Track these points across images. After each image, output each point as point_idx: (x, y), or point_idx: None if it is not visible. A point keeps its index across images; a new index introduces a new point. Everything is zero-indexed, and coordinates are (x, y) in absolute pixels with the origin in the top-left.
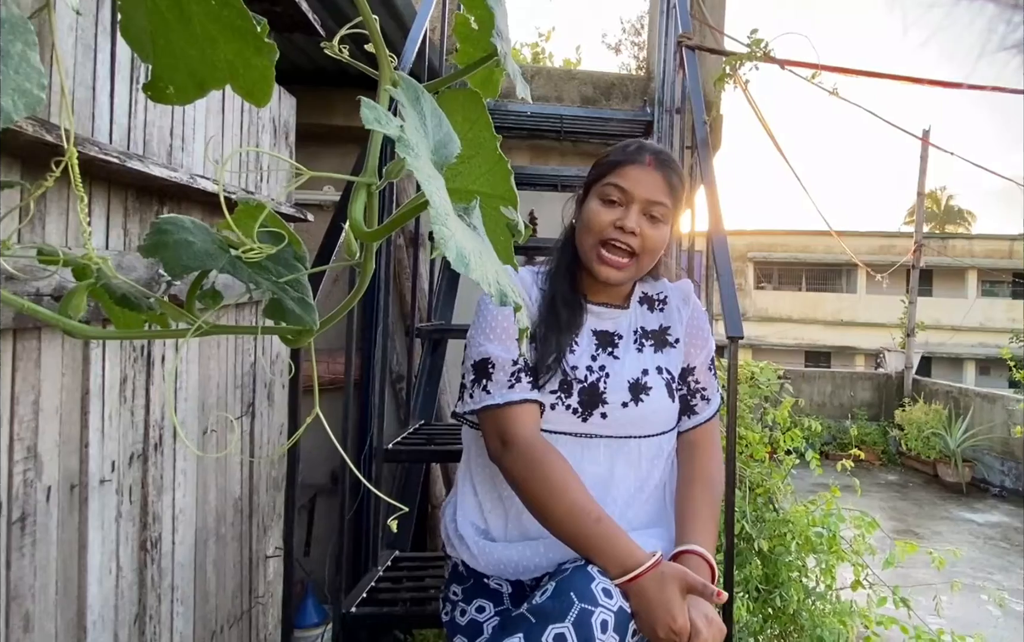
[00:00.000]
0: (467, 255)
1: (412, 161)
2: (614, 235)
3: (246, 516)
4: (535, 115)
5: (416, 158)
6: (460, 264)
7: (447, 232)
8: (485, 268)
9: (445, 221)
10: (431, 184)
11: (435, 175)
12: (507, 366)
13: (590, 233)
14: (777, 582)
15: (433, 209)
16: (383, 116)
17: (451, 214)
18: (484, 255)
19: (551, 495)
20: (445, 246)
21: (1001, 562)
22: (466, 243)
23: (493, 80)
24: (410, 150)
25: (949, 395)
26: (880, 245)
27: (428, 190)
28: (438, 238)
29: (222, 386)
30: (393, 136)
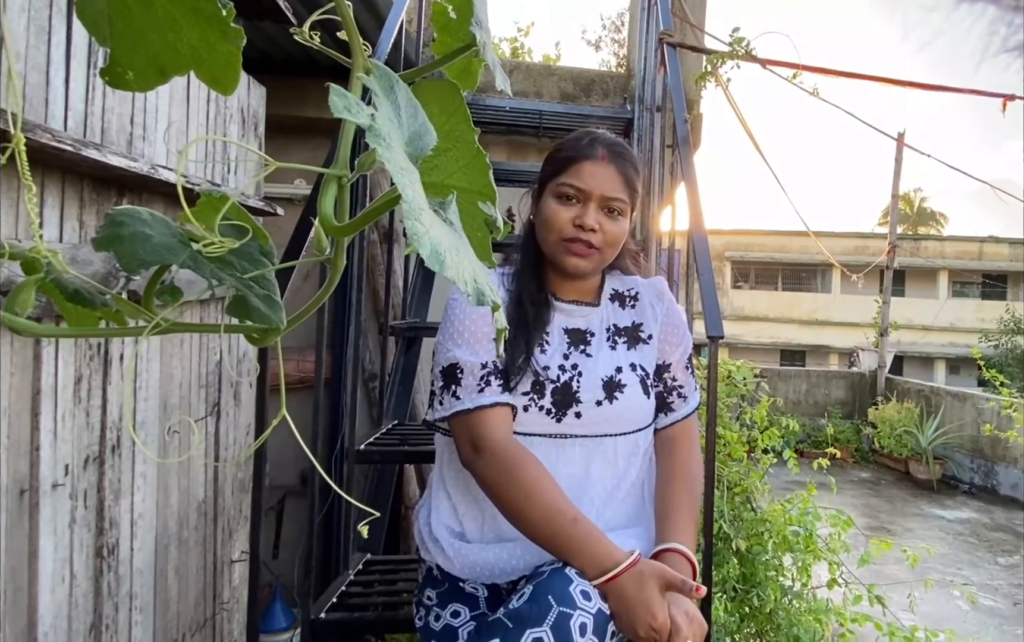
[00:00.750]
0: (442, 252)
1: (383, 152)
2: (574, 234)
3: (210, 519)
4: (514, 110)
5: (388, 149)
6: (434, 261)
7: (421, 228)
8: (461, 266)
9: (419, 216)
10: (404, 177)
11: (409, 168)
12: (476, 370)
13: (551, 232)
14: (754, 581)
15: (406, 203)
16: (353, 104)
17: (425, 209)
18: (461, 252)
19: (526, 499)
20: (419, 242)
21: (970, 557)
22: (441, 239)
23: (472, 71)
24: (381, 140)
25: (921, 394)
26: (855, 246)
27: (401, 183)
28: (411, 234)
29: (185, 385)
30: (364, 125)
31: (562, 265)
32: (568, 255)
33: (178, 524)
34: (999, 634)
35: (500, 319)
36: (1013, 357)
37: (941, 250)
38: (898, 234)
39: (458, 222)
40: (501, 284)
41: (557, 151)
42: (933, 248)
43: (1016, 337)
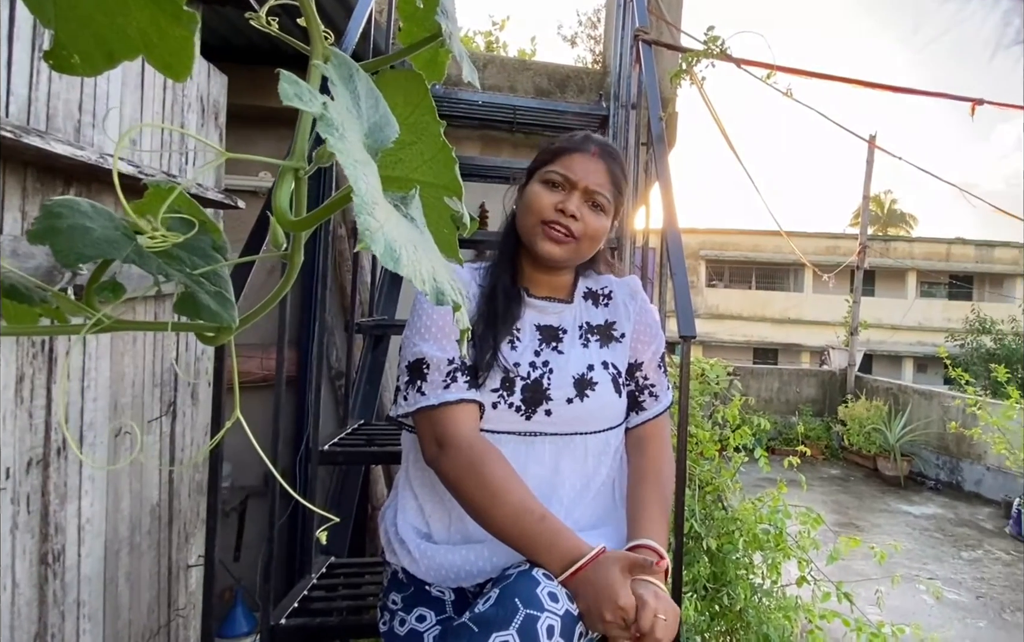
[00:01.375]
0: (397, 249)
1: (335, 142)
2: (554, 217)
3: (165, 523)
4: (487, 105)
5: (341, 139)
6: (388, 258)
7: (374, 223)
8: (419, 264)
9: (372, 210)
10: (357, 169)
11: (365, 160)
12: (442, 366)
13: (531, 214)
14: (725, 580)
15: (357, 196)
16: (305, 92)
17: (380, 203)
18: (420, 249)
19: (492, 498)
20: (371, 238)
21: (935, 552)
22: (398, 235)
23: (439, 62)
24: (334, 130)
25: (889, 392)
26: (827, 246)
27: (353, 175)
28: (363, 229)
29: (138, 384)
30: (315, 114)
31: (537, 250)
32: (544, 240)
33: (130, 529)
34: (963, 627)
35: (462, 319)
36: (978, 356)
37: (910, 251)
38: (868, 235)
39: (421, 218)
40: (474, 278)
41: (550, 144)
42: (902, 249)
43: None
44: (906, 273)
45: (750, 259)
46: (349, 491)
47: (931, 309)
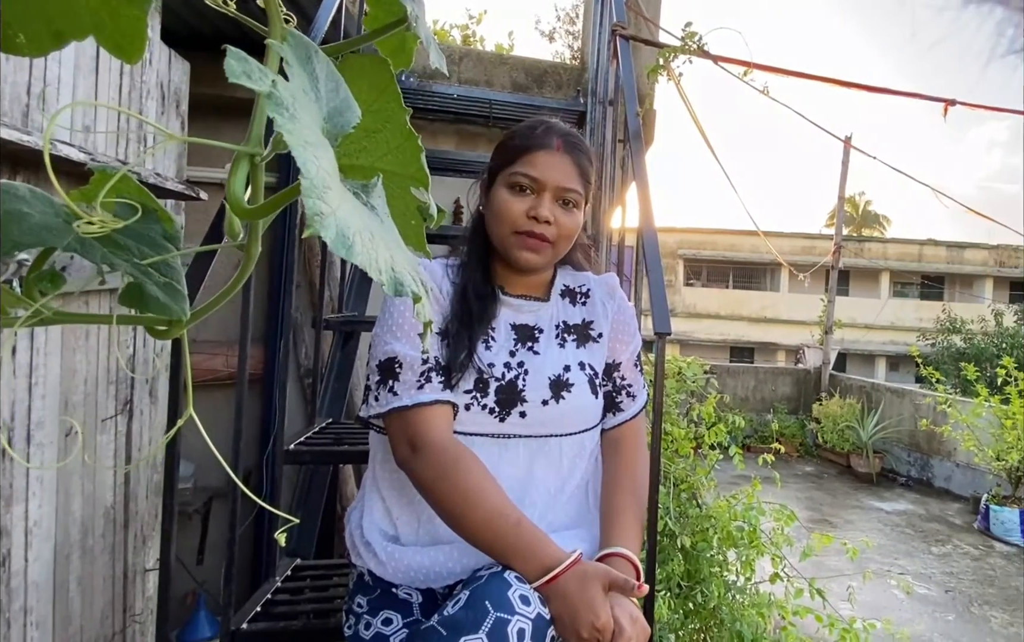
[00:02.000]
0: (351, 236)
1: (284, 123)
2: (528, 226)
3: (120, 526)
4: (462, 98)
5: (291, 120)
6: (340, 246)
7: (324, 208)
8: (376, 252)
9: (322, 195)
10: (307, 152)
11: (319, 143)
12: (416, 365)
13: (503, 223)
14: (699, 578)
15: (306, 180)
16: (255, 70)
17: (333, 188)
18: (378, 238)
19: (466, 502)
20: (321, 224)
21: (906, 548)
22: (353, 222)
23: (406, 49)
24: (283, 110)
25: (862, 390)
26: (803, 246)
27: (303, 158)
28: (311, 214)
29: (91, 381)
30: (262, 93)
31: (514, 260)
32: (521, 249)
33: (81, 532)
34: (932, 621)
35: (424, 311)
36: (948, 355)
37: (883, 252)
38: (843, 236)
39: (383, 207)
40: (446, 275)
41: (509, 139)
42: (876, 249)
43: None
44: (880, 273)
45: (728, 258)
46: (316, 491)
47: (904, 309)
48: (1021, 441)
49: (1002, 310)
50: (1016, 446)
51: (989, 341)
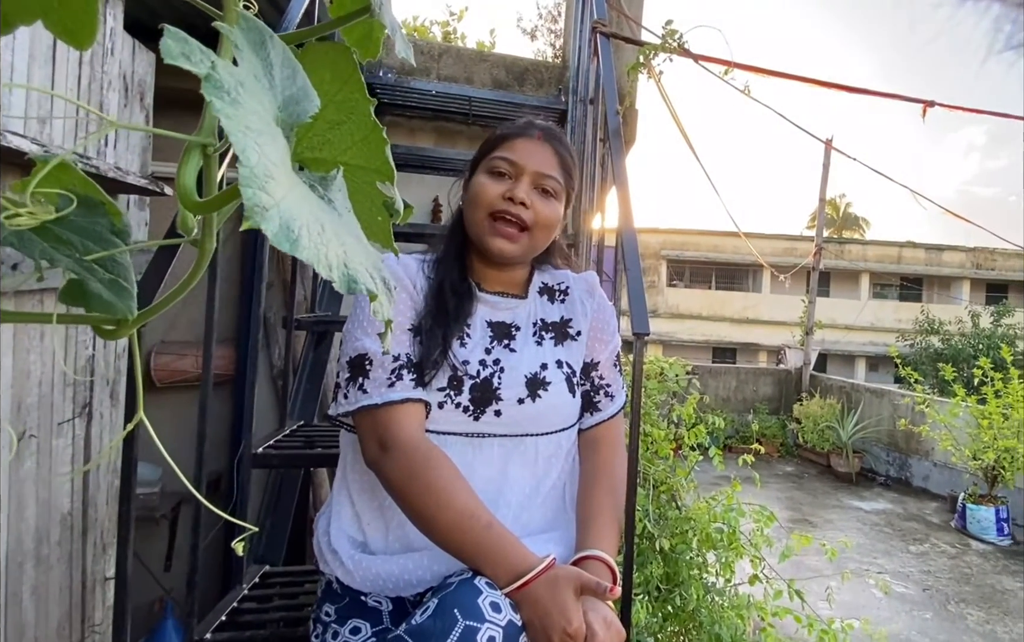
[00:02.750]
0: (296, 228)
1: (223, 107)
2: (504, 207)
3: (78, 534)
4: (441, 94)
5: (232, 105)
6: (283, 239)
7: (265, 199)
8: (325, 247)
9: (264, 185)
10: (248, 138)
11: (264, 130)
12: (387, 363)
13: (479, 207)
14: (678, 581)
15: (245, 168)
16: (196, 51)
17: (276, 178)
18: (331, 232)
19: (436, 504)
20: (262, 217)
21: (885, 547)
22: (299, 214)
23: (373, 37)
24: (222, 94)
25: (842, 390)
26: (784, 247)
27: (242, 145)
28: (250, 205)
29: (46, 384)
30: (199, 74)
31: (488, 248)
32: (494, 236)
33: (36, 540)
34: (910, 619)
35: (382, 309)
36: (926, 356)
37: (863, 253)
38: (824, 237)
39: (344, 201)
40: (421, 270)
41: (492, 133)
42: (856, 251)
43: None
44: (860, 275)
45: (710, 259)
46: (287, 495)
47: (883, 310)
48: (997, 441)
49: (979, 311)
50: (992, 446)
51: (966, 342)
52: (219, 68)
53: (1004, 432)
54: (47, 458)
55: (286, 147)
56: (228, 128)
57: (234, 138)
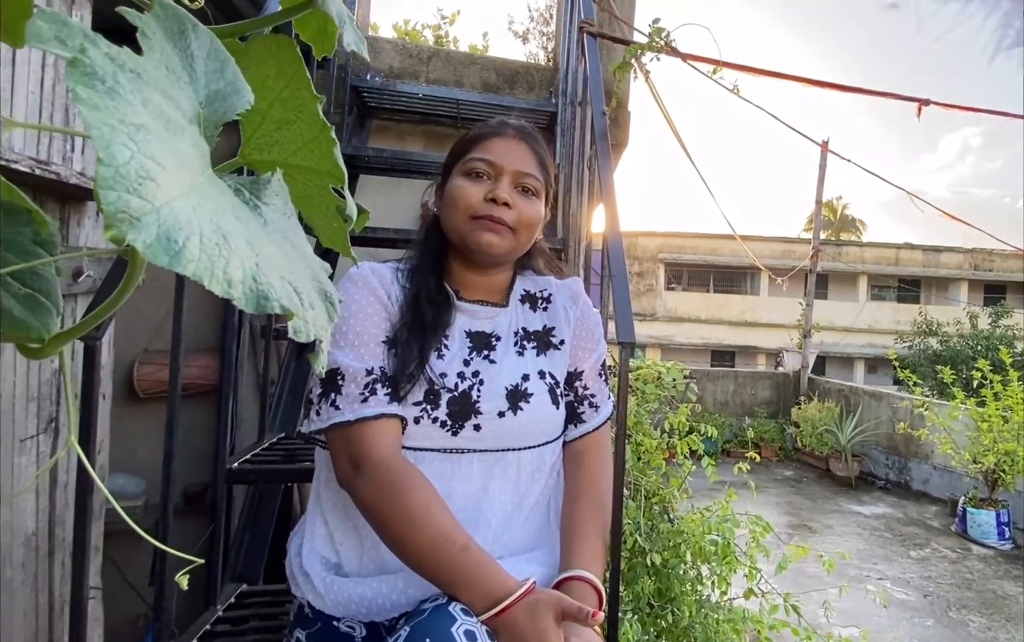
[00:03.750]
0: (181, 238)
1: (90, 96)
2: (486, 210)
3: (44, 554)
4: (428, 97)
5: (106, 94)
6: (160, 251)
7: (137, 205)
8: (224, 258)
9: (136, 187)
10: (116, 134)
11: (153, 125)
12: (360, 377)
13: (458, 210)
14: (670, 596)
15: (107, 168)
16: (74, 34)
17: (157, 179)
18: (240, 241)
19: (410, 525)
20: (130, 225)
21: (884, 552)
22: (192, 221)
23: (329, 32)
24: (94, 81)
25: (841, 393)
26: (782, 250)
27: (107, 140)
28: (112, 211)
29: (7, 399)
30: (64, 57)
31: (474, 244)
32: (481, 232)
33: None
34: (911, 626)
35: (304, 327)
36: (925, 357)
37: (861, 255)
38: (821, 240)
39: (283, 207)
40: (395, 279)
41: (464, 135)
42: (854, 253)
43: (928, 338)
44: (857, 277)
45: (708, 262)
46: (266, 510)
47: (881, 312)
48: (997, 444)
49: (977, 312)
50: (992, 449)
51: (964, 343)
52: (91, 53)
53: (1004, 435)
54: (8, 477)
55: (197, 145)
56: (91, 121)
57: (97, 133)
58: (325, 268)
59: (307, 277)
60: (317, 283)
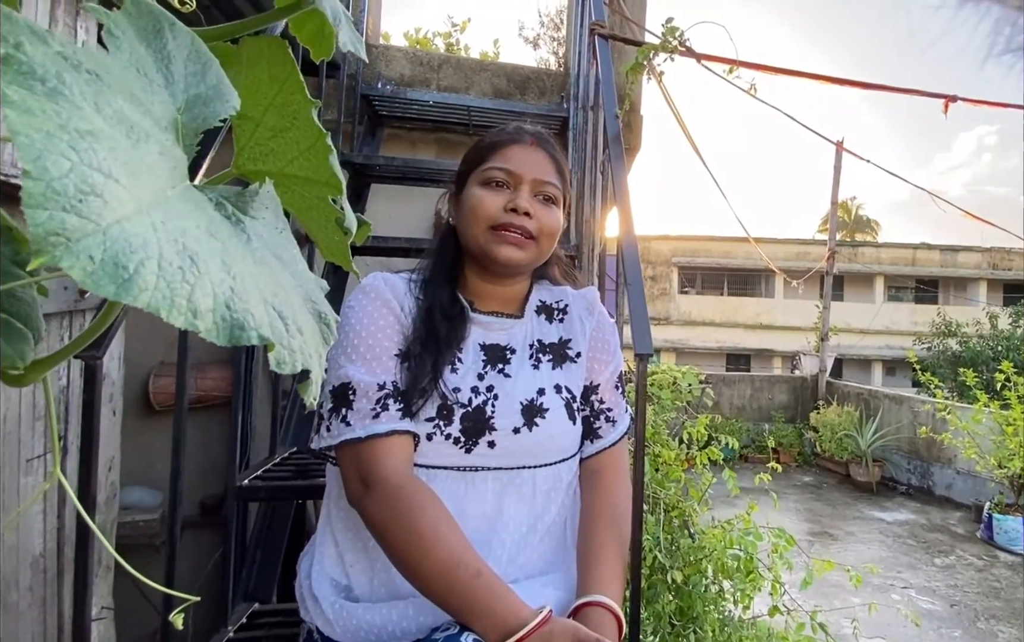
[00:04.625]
0: (131, 263)
1: (23, 98)
2: (507, 219)
3: (52, 576)
4: (439, 105)
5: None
6: (105, 279)
7: (75, 224)
8: (189, 285)
9: (75, 204)
10: (53, 143)
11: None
12: (371, 392)
13: (477, 221)
14: (692, 615)
15: (37, 182)
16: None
17: (104, 194)
18: (211, 262)
19: (421, 548)
20: (63, 250)
21: (908, 560)
22: (150, 242)
23: (326, 34)
24: (30, 82)
25: (860, 397)
26: (796, 252)
27: (35, 151)
28: (40, 233)
29: (12, 418)
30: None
31: (494, 256)
32: (501, 244)
33: (2, 586)
34: (938, 637)
35: (286, 355)
36: (944, 359)
37: (877, 256)
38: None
39: (273, 221)
40: (409, 290)
41: (479, 142)
42: (870, 254)
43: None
44: (874, 278)
45: (722, 265)
46: (278, 526)
47: (898, 313)
48: (1023, 448)
49: (997, 312)
50: (1018, 453)
51: (985, 344)
52: (29, 49)
53: None
54: (14, 498)
55: (168, 154)
56: (17, 127)
57: (24, 141)
58: (322, 286)
59: (297, 298)
60: (311, 303)
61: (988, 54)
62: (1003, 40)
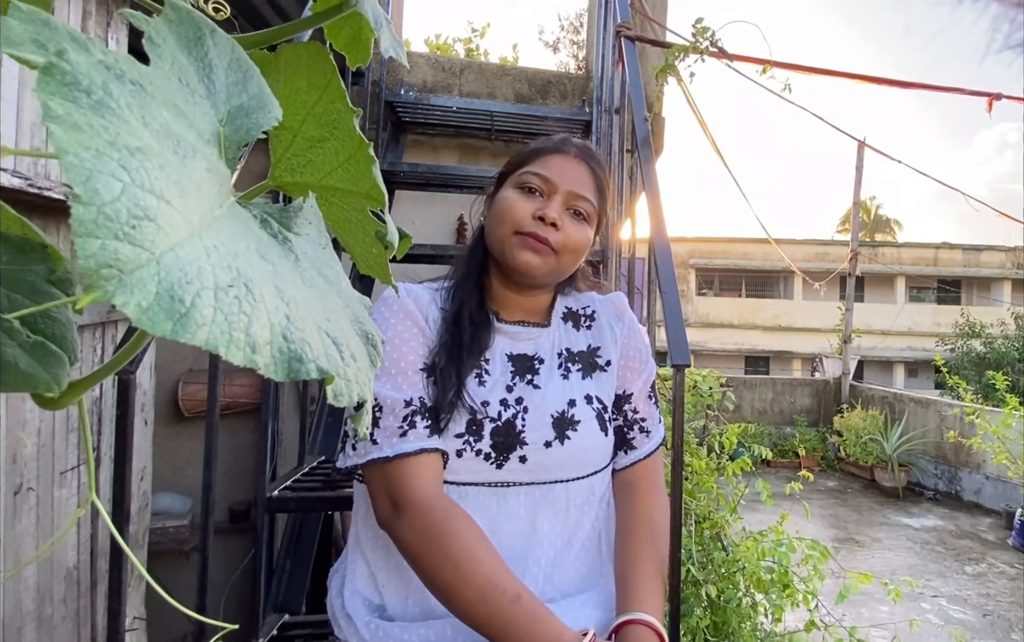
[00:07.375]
0: (188, 295)
1: (70, 112)
2: (532, 227)
3: (86, 588)
4: (462, 111)
5: (91, 111)
6: (162, 316)
7: (130, 254)
8: (247, 316)
9: (128, 231)
10: (102, 162)
11: (155, 147)
12: (398, 409)
13: (504, 223)
14: (727, 631)
15: (87, 207)
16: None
17: (158, 218)
18: (265, 287)
19: (456, 573)
20: (118, 284)
21: (938, 567)
22: (205, 269)
23: (363, 39)
24: (76, 93)
25: (885, 400)
26: (816, 253)
27: (86, 172)
28: (93, 267)
29: (46, 432)
30: (36, 66)
31: (512, 260)
32: (521, 249)
33: (37, 600)
34: None
35: (345, 390)
36: (968, 360)
37: (898, 256)
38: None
39: (316, 237)
40: (434, 301)
41: (524, 147)
42: (890, 254)
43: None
44: (895, 278)
45: (740, 267)
46: (307, 537)
47: (920, 313)
48: None
49: (1022, 313)
50: None
51: (1010, 345)
52: (73, 58)
53: None
54: (48, 511)
55: (215, 170)
56: (64, 145)
57: (72, 161)
58: (364, 303)
59: (347, 320)
60: (358, 324)
61: (987, 51)
62: (1002, 37)
